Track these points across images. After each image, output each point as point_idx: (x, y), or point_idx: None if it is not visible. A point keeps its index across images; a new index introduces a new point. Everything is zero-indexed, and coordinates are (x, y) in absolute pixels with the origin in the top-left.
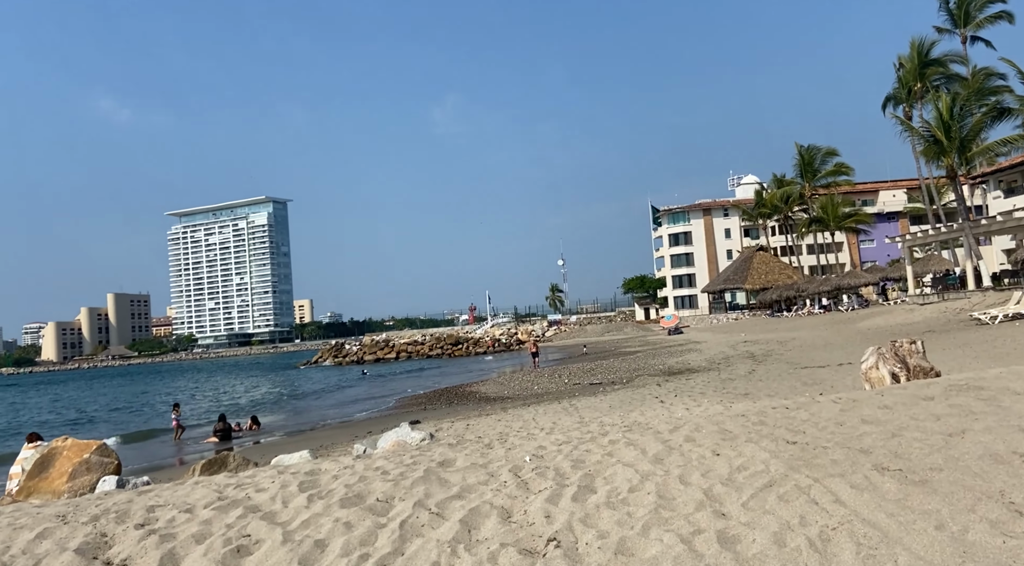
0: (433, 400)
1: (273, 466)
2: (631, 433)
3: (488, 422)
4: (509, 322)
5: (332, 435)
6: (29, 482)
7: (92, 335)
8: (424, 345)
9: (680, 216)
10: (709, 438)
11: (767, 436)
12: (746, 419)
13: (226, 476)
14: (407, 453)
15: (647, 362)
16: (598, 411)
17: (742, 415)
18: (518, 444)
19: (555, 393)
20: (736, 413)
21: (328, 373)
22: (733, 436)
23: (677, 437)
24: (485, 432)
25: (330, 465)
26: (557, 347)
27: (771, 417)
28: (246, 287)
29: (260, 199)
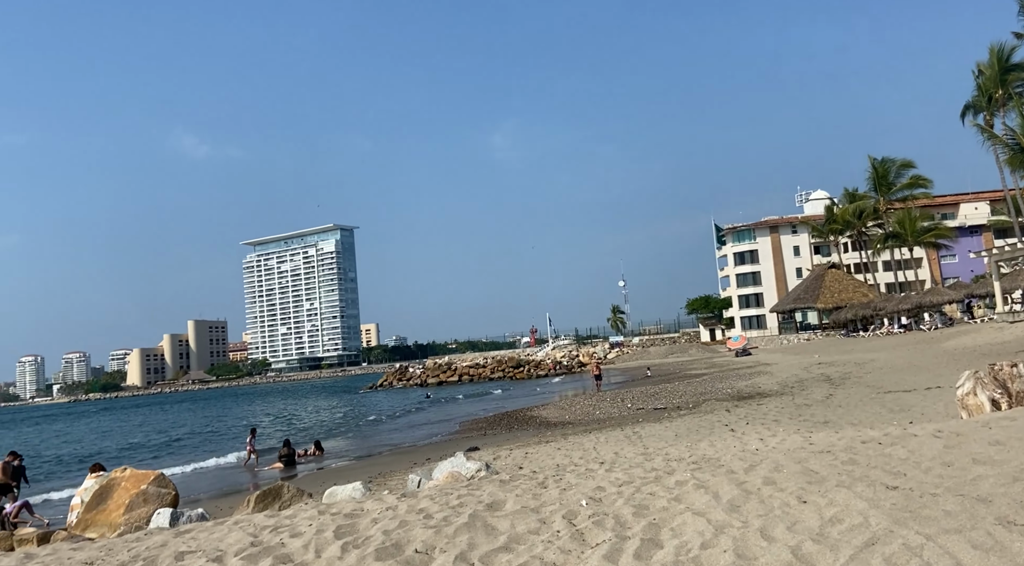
0: (494, 424)
1: (317, 504)
2: (701, 472)
3: (547, 451)
4: (570, 344)
5: (392, 462)
6: (87, 514)
7: (174, 360)
8: (486, 368)
9: (745, 234)
10: (792, 480)
11: (861, 479)
12: (833, 456)
13: (268, 515)
14: (455, 491)
15: (714, 385)
16: (663, 440)
17: (827, 451)
18: (574, 483)
19: (617, 419)
20: (820, 448)
21: (392, 396)
22: (821, 478)
23: (754, 478)
24: (543, 463)
25: (373, 505)
26: (619, 369)
27: (862, 454)
28: (316, 312)
29: (328, 227)
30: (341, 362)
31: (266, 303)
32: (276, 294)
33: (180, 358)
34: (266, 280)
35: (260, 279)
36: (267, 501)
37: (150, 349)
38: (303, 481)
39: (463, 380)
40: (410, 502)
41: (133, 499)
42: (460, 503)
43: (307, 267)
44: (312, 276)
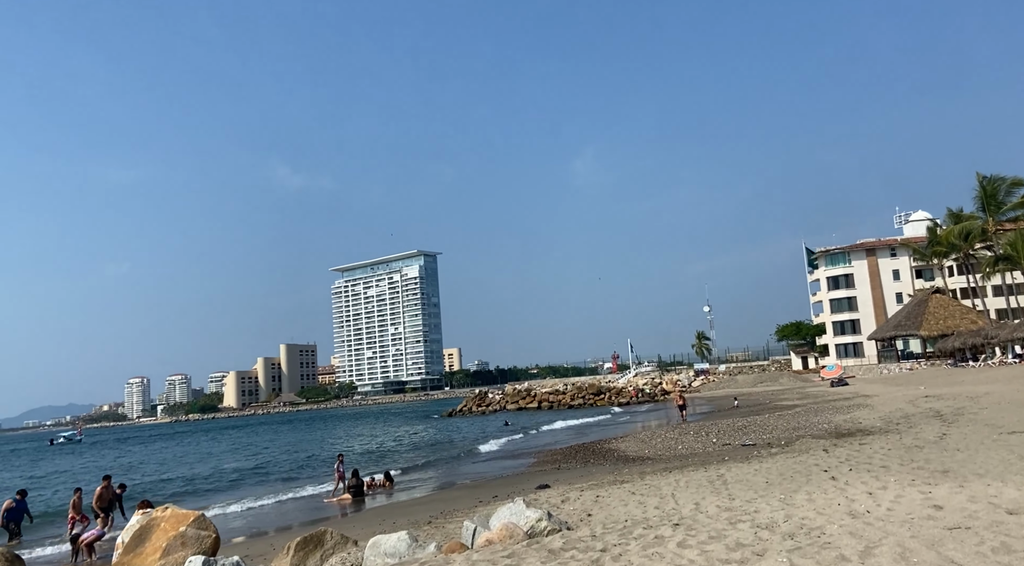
0: (569, 457)
1: (358, 555)
2: (801, 558)
3: (620, 494)
4: (653, 371)
5: (458, 498)
6: (125, 557)
7: (267, 383)
8: (565, 395)
9: (840, 257)
10: None
11: None
12: (976, 536)
13: None
14: (501, 558)
15: (808, 420)
16: (752, 489)
17: (964, 526)
18: (637, 561)
19: (701, 456)
20: (953, 521)
21: (472, 423)
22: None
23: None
24: (612, 512)
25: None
26: (705, 398)
27: (1014, 530)
28: (400, 337)
29: (412, 253)
30: (424, 386)
31: (353, 327)
32: (363, 319)
33: (272, 380)
34: (353, 305)
35: (348, 304)
36: (308, 549)
37: (245, 372)
38: (366, 516)
39: (542, 407)
40: None
41: (171, 543)
42: None
43: (392, 292)
44: (397, 301)
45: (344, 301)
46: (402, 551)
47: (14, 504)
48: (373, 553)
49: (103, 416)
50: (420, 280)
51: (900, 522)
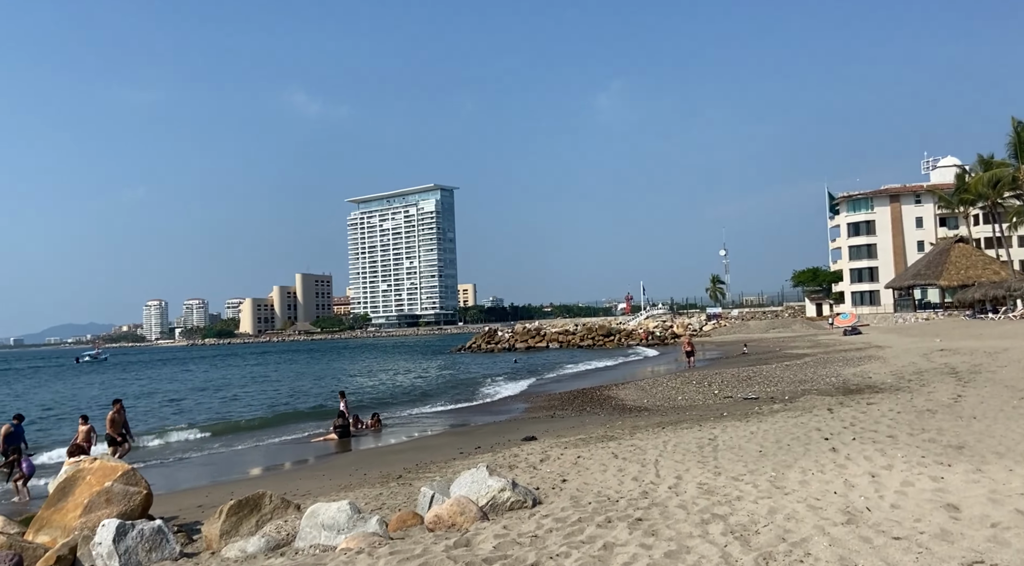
0: (566, 404)
1: (282, 537)
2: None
3: (602, 456)
4: (665, 314)
5: (439, 447)
6: (45, 511)
7: (282, 311)
8: (575, 335)
9: (862, 203)
10: None
11: None
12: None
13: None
14: (439, 542)
15: (817, 372)
16: (742, 460)
17: (990, 562)
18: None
19: (700, 409)
20: (973, 549)
21: (480, 360)
22: None
23: None
24: (587, 480)
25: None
26: (715, 344)
27: None
28: (415, 271)
29: (429, 187)
30: (438, 320)
31: (368, 260)
32: (378, 251)
33: (288, 309)
34: (369, 237)
35: (363, 236)
36: (242, 514)
37: (261, 299)
38: (340, 463)
39: (551, 347)
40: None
41: (93, 499)
42: None
43: (408, 226)
44: (412, 235)
45: (360, 233)
46: (341, 523)
47: (12, 429)
48: (310, 523)
49: (122, 336)
50: (436, 214)
51: (905, 539)
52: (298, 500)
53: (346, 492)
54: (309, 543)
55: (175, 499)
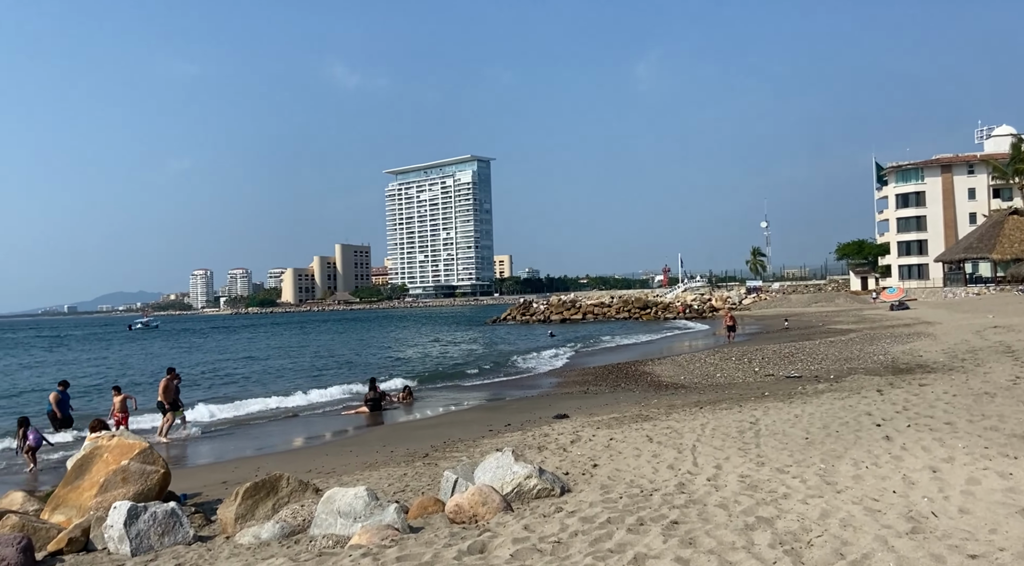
0: (600, 379)
1: (294, 524)
2: None
3: (636, 439)
4: (703, 287)
5: (469, 423)
6: (62, 490)
7: (322, 281)
8: (611, 307)
9: (912, 173)
10: None
11: None
12: None
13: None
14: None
15: (863, 349)
16: (787, 448)
17: None
18: None
19: (740, 388)
20: None
21: (515, 332)
22: None
23: None
24: (619, 466)
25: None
26: (754, 317)
27: None
28: (452, 242)
29: (465, 157)
30: (474, 291)
31: (405, 231)
32: (415, 222)
33: (328, 279)
34: (406, 208)
35: (401, 207)
36: (259, 497)
37: (302, 269)
38: (367, 438)
39: (587, 319)
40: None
41: (109, 477)
42: None
43: (444, 197)
44: (449, 206)
45: (397, 204)
46: (358, 510)
47: (60, 396)
48: (326, 510)
49: (170, 304)
50: (473, 185)
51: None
52: (321, 479)
53: (370, 471)
54: (324, 531)
55: (201, 473)
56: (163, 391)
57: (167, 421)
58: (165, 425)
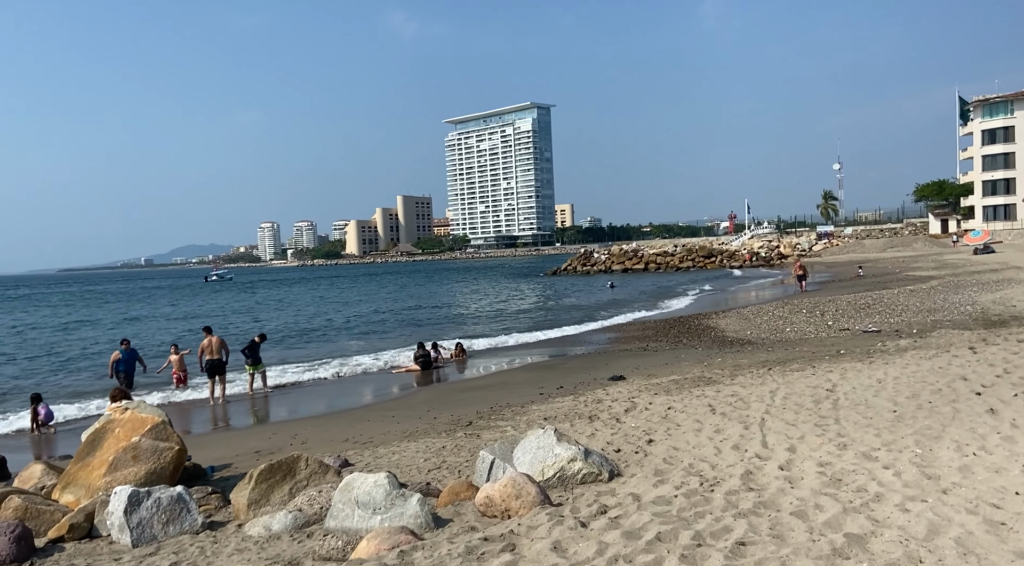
0: (661, 334)
1: (309, 513)
2: None
3: (697, 408)
4: (771, 233)
5: (518, 384)
6: (73, 466)
7: (385, 232)
8: (674, 256)
9: (1000, 107)
10: None
11: None
12: None
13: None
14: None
15: (947, 299)
16: (872, 425)
17: None
18: None
19: (812, 345)
20: None
21: (575, 283)
22: None
23: None
24: (675, 444)
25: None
26: (825, 265)
27: None
28: (512, 191)
29: (525, 105)
30: (535, 241)
31: (466, 181)
32: (476, 172)
33: (391, 231)
34: (466, 158)
35: (461, 157)
36: (274, 480)
37: (365, 221)
38: (412, 402)
39: (649, 268)
40: None
41: (119, 455)
42: None
43: (504, 146)
44: (509, 155)
45: (457, 154)
46: (378, 501)
47: (121, 355)
48: (343, 498)
49: (240, 256)
50: (533, 133)
51: None
52: (356, 450)
53: (409, 441)
54: (340, 523)
55: (237, 439)
56: (200, 352)
57: (221, 382)
58: (217, 388)
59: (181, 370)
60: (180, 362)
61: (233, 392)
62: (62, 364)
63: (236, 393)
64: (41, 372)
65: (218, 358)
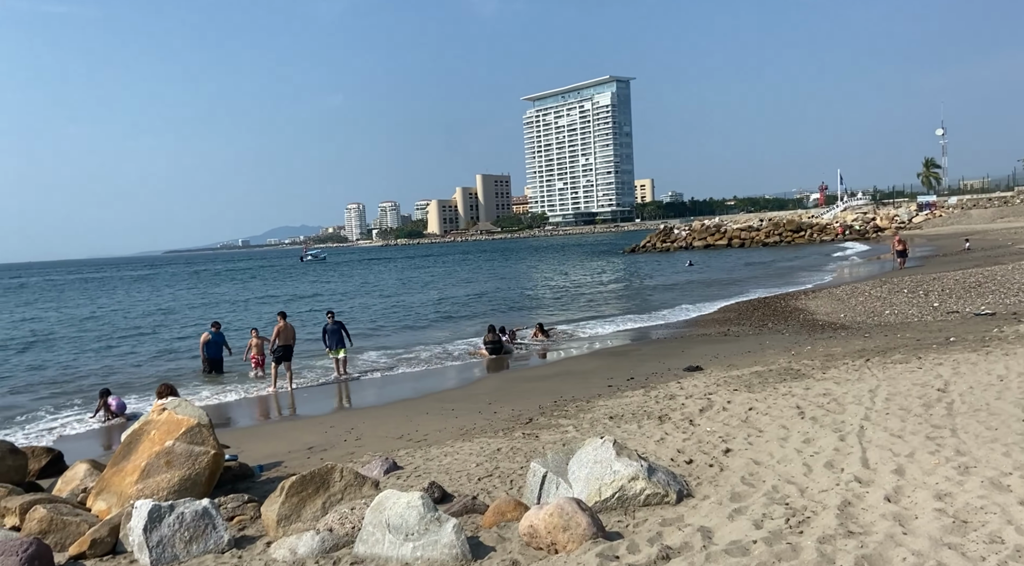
0: (743, 317)
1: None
2: None
3: (783, 410)
4: (866, 205)
5: (587, 373)
6: (109, 470)
7: (465, 211)
8: (760, 231)
9: None
10: None
11: None
12: None
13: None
14: None
15: None
16: (996, 436)
17: None
18: None
19: (915, 331)
20: None
21: (653, 260)
22: None
23: None
24: (756, 457)
25: None
26: (927, 237)
27: None
28: (591, 167)
29: (604, 79)
30: (614, 218)
31: (544, 158)
32: (554, 149)
33: (470, 209)
34: (544, 135)
35: (539, 134)
36: (306, 494)
37: (445, 200)
38: (474, 392)
39: (732, 244)
40: None
41: (152, 461)
42: None
43: (583, 121)
44: (588, 130)
45: (535, 131)
46: (410, 525)
47: (210, 337)
48: (374, 519)
49: (328, 237)
50: (612, 108)
51: None
52: (408, 450)
53: (463, 441)
54: (369, 549)
55: (294, 433)
56: (274, 337)
57: (288, 369)
58: (283, 377)
59: (260, 354)
60: (260, 346)
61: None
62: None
63: (322, 380)
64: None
65: (291, 344)
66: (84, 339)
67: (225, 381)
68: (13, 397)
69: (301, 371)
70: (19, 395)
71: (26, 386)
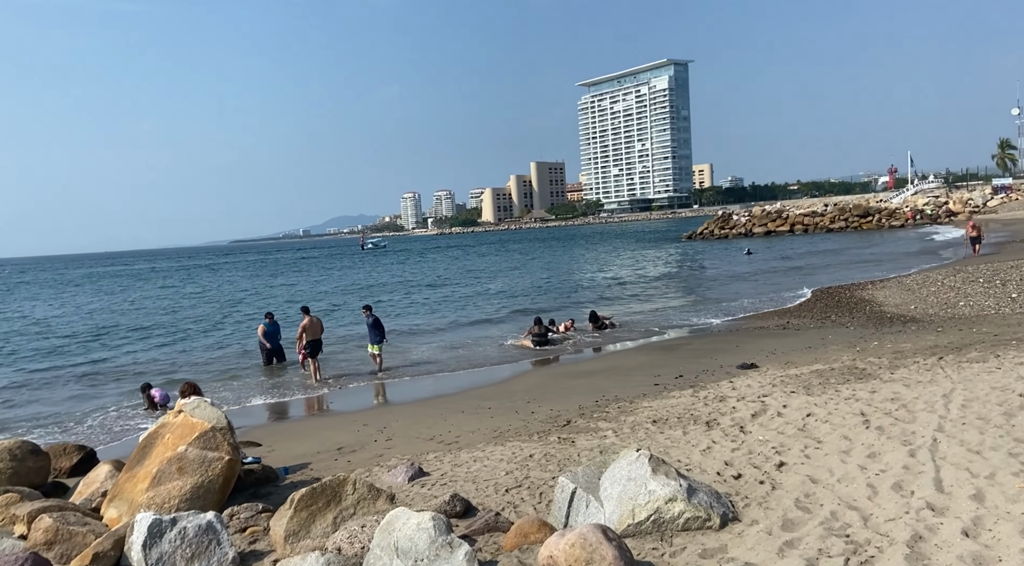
0: (805, 308)
1: None
2: None
3: (844, 417)
4: (937, 188)
5: (633, 370)
6: (124, 475)
7: (519, 199)
8: (824, 217)
9: None
10: None
11: None
12: None
13: None
14: None
15: None
16: None
17: None
18: None
19: (992, 325)
20: None
21: (710, 248)
22: None
23: None
24: (814, 475)
25: None
26: (1002, 222)
27: None
28: (647, 153)
29: (661, 62)
30: (671, 204)
31: (599, 145)
32: (609, 135)
33: (524, 197)
34: (599, 121)
35: (594, 120)
36: (316, 507)
37: (500, 189)
38: (514, 389)
39: (796, 231)
40: None
41: (163, 467)
42: None
43: (639, 106)
44: (644, 115)
45: (590, 117)
46: (420, 549)
47: (266, 328)
48: (382, 541)
49: (385, 226)
50: (669, 92)
51: None
52: (438, 452)
53: (496, 445)
54: None
55: (325, 431)
56: (300, 332)
57: (314, 366)
58: (314, 370)
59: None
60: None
61: (357, 372)
62: None
63: (361, 373)
64: None
65: (319, 338)
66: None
67: (277, 374)
68: (94, 388)
69: (343, 365)
70: (99, 386)
71: (110, 374)
